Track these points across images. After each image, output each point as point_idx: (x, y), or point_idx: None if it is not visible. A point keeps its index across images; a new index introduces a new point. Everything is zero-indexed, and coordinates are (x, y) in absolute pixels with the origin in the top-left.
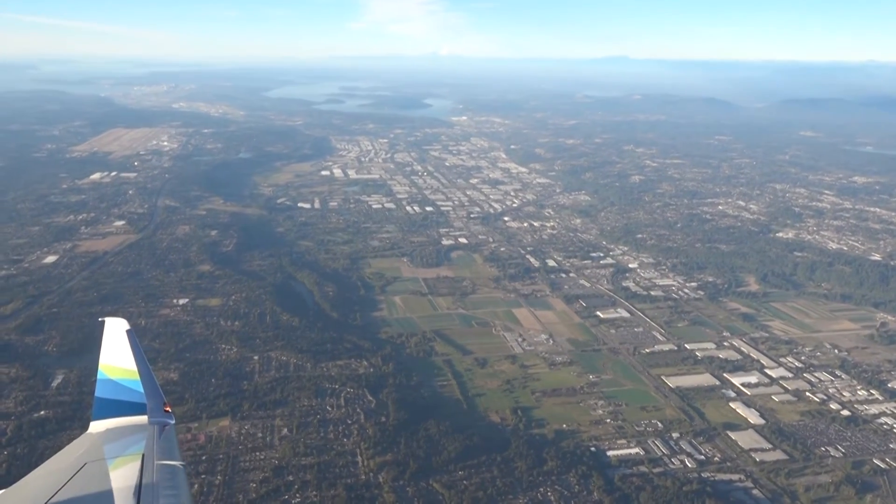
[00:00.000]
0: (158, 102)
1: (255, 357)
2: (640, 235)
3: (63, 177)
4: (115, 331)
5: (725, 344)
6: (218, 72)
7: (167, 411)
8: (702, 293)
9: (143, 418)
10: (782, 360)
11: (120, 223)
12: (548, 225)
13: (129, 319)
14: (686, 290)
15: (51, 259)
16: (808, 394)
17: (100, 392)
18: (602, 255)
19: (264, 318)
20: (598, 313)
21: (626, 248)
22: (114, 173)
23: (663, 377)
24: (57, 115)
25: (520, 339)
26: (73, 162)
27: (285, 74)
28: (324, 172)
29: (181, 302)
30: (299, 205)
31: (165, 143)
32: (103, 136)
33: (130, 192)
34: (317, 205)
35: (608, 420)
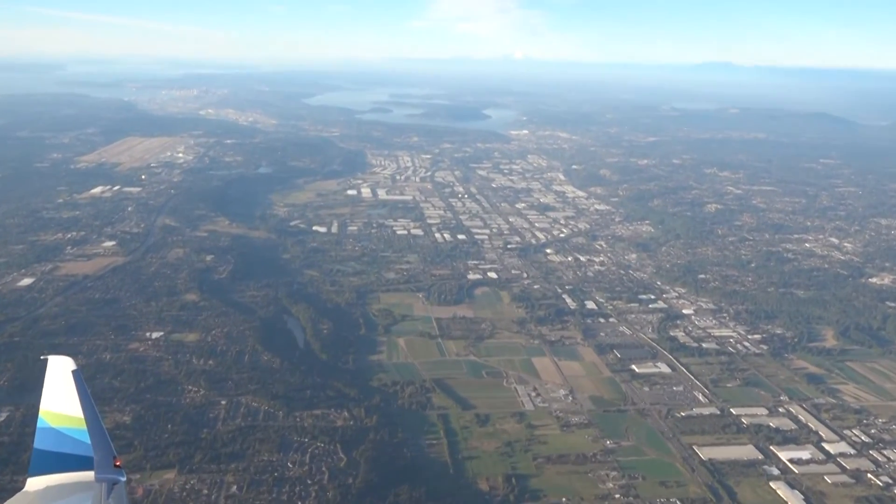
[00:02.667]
0: (184, 108)
1: (223, 402)
2: (702, 275)
3: (61, 190)
4: (60, 371)
5: (780, 410)
6: (258, 75)
7: (117, 466)
8: (764, 347)
9: (89, 474)
10: (846, 432)
11: (110, 244)
12: (596, 260)
13: (94, 353)
14: (746, 344)
15: (26, 282)
16: (870, 476)
17: (39, 443)
18: (653, 297)
19: (242, 357)
20: (634, 367)
21: (683, 290)
22: (117, 187)
23: (696, 447)
24: (72, 120)
25: (533, 394)
26: (77, 174)
27: (333, 78)
28: (350, 192)
29: (154, 335)
30: (314, 228)
31: (181, 155)
32: (115, 146)
33: (129, 208)
34: (334, 229)
35: (617, 496)
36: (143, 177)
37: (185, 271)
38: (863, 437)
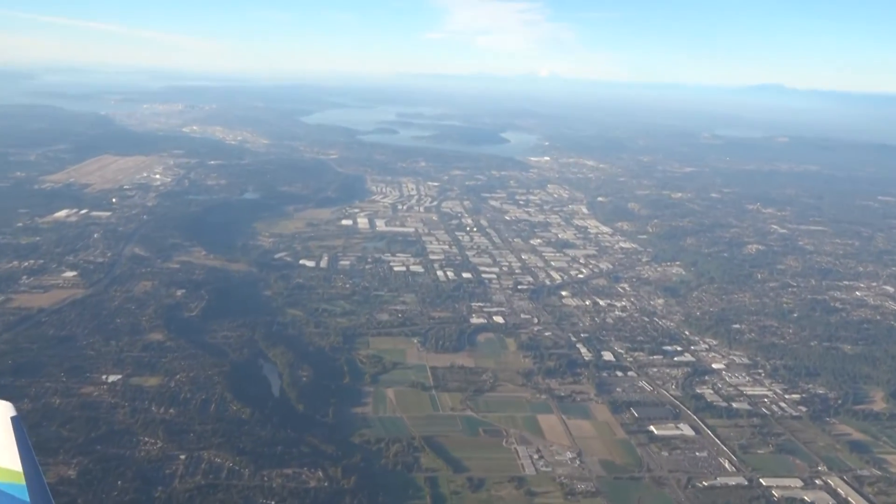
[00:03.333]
0: (166, 125)
1: (182, 456)
2: (737, 326)
3: (22, 213)
4: None
5: (818, 482)
6: (254, 89)
7: None
8: (803, 409)
9: None
10: None
11: (70, 274)
12: (617, 305)
13: (41, 397)
14: (782, 404)
15: None
16: None
17: None
18: (679, 349)
19: (208, 406)
20: (652, 428)
21: (714, 342)
22: (84, 211)
23: None
24: (40, 136)
25: (535, 456)
26: (41, 195)
27: (336, 94)
28: (344, 222)
29: (111, 379)
30: (301, 262)
31: (157, 177)
32: (86, 165)
33: (96, 235)
34: (323, 263)
35: None
36: (113, 200)
37: (151, 307)
38: None
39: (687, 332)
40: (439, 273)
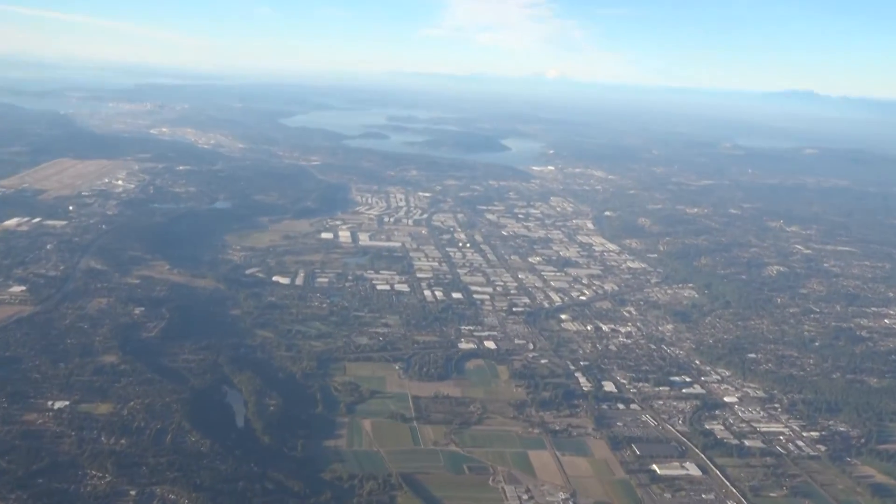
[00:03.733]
0: (133, 126)
1: (133, 492)
2: (752, 355)
3: None
4: None
5: None
6: (232, 88)
7: None
8: (822, 448)
9: None
10: None
11: (19, 289)
12: (622, 330)
13: None
14: (800, 443)
15: None
16: None
17: None
18: (688, 379)
19: (163, 436)
20: (655, 467)
21: (727, 373)
22: (37, 219)
23: None
24: None
25: (525, 497)
26: None
27: (322, 95)
28: (324, 235)
29: (57, 405)
30: (274, 279)
31: (120, 183)
32: (42, 168)
33: (49, 246)
34: (299, 280)
35: None
36: (70, 208)
37: (106, 326)
38: None
39: (697, 362)
40: (427, 293)
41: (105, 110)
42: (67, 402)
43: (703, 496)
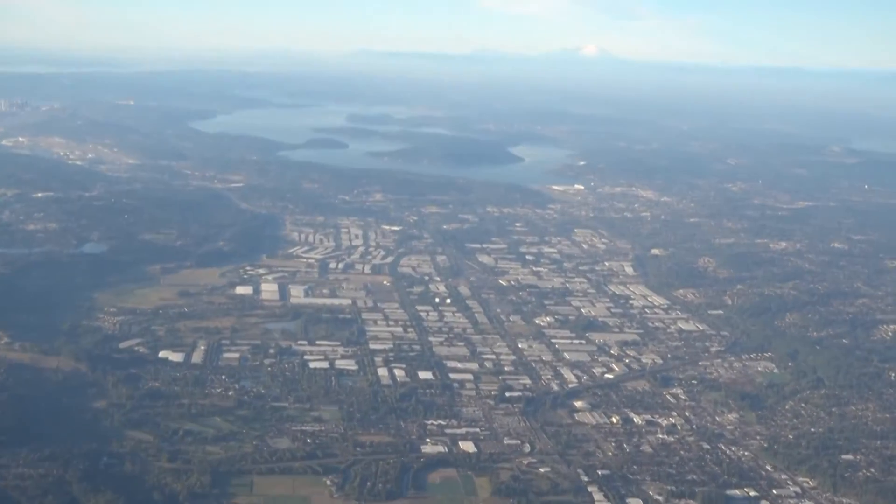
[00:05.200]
0: None
1: None
2: (849, 456)
3: None
4: None
5: None
6: (127, 77)
7: None
8: None
9: None
10: None
11: None
12: (662, 423)
13: None
14: None
15: None
16: None
17: None
18: (755, 494)
19: None
20: None
21: (810, 483)
22: None
23: None
24: None
25: None
26: None
27: (260, 85)
28: (240, 290)
29: None
30: (162, 354)
31: None
32: None
33: None
34: (197, 356)
35: None
36: None
37: None
38: None
39: (769, 467)
40: (382, 372)
41: None
42: None
43: None
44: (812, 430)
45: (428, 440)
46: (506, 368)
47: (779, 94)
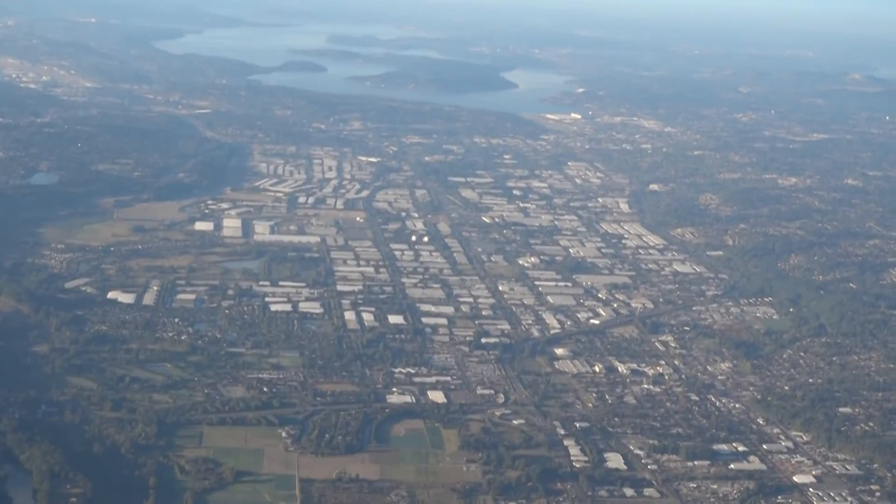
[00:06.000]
0: None
1: None
2: (846, 409)
3: None
4: None
5: None
6: None
7: None
8: None
9: None
10: None
11: None
12: (649, 372)
13: None
14: None
15: None
16: None
17: None
18: (743, 449)
19: None
20: None
21: (804, 437)
22: None
23: None
24: None
25: None
26: None
27: (233, 3)
28: (200, 225)
29: None
30: (111, 295)
31: None
32: None
33: None
34: (149, 297)
35: None
36: None
37: None
38: None
39: (760, 420)
40: (349, 316)
41: None
42: None
43: None
44: (810, 380)
45: (394, 389)
46: (483, 313)
47: (803, 18)
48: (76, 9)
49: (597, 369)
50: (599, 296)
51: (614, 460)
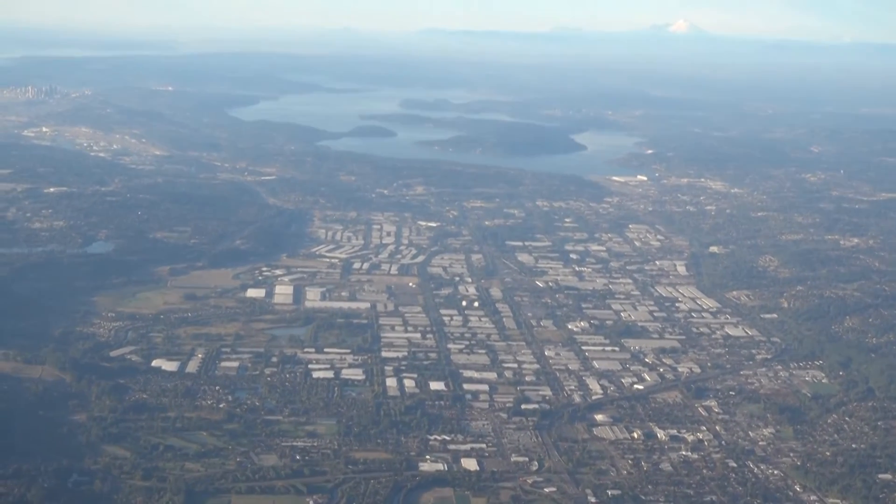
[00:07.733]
0: (2, 122)
1: None
2: (886, 475)
3: None
4: None
5: None
6: (170, 61)
7: None
8: None
9: None
10: None
11: None
12: (688, 438)
13: None
14: None
15: None
16: None
17: None
18: None
19: None
20: None
21: None
22: None
23: None
24: None
25: None
26: None
27: (308, 69)
28: (252, 292)
29: None
30: (155, 363)
31: None
32: None
33: None
34: (193, 365)
35: None
36: None
37: None
38: None
39: (797, 488)
40: (390, 382)
41: None
42: None
43: None
44: (853, 446)
45: (428, 457)
46: (526, 378)
47: (882, 75)
48: (154, 77)
49: (635, 435)
50: (646, 360)
51: None
